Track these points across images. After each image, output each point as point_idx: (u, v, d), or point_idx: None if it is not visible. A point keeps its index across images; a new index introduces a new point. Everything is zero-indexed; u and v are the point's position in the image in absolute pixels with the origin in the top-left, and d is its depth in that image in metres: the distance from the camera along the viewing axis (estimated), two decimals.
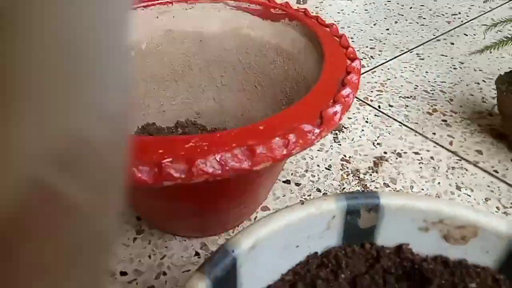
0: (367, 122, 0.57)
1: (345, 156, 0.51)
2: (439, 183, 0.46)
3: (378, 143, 0.53)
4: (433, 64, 0.74)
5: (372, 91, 0.65)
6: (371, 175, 0.48)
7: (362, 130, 0.55)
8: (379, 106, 0.61)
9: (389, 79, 0.69)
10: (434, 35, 0.85)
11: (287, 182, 0.47)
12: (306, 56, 0.38)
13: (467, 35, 0.85)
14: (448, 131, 0.55)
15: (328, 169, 0.49)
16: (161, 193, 0.32)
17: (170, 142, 0.24)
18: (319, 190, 0.46)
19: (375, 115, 0.59)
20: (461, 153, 0.51)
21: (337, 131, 0.55)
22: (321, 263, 0.25)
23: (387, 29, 0.88)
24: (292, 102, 0.40)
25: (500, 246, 0.23)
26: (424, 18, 0.93)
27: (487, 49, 0.48)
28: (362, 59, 0.76)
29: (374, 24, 0.90)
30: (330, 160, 0.50)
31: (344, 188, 0.46)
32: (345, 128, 0.56)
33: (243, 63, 0.46)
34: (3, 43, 0.07)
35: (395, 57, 0.77)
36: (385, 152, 0.51)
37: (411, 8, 0.97)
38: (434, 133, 0.55)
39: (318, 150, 0.52)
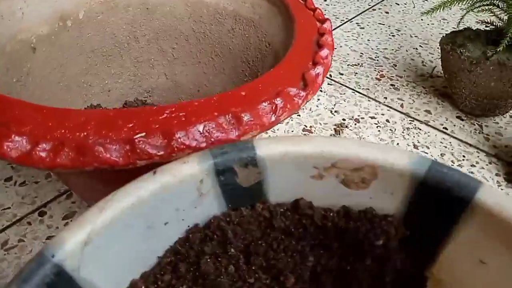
0: (321, 91, 0.57)
1: (306, 126, 0.50)
2: (397, 144, 0.48)
3: (335, 111, 0.53)
4: (373, 32, 0.76)
5: None
6: None
7: (318, 99, 0.55)
8: (330, 75, 0.61)
9: (335, 48, 0.69)
10: (369, 5, 0.87)
11: None
12: (269, 21, 0.36)
13: (398, 4, 0.89)
14: (398, 95, 0.57)
15: None
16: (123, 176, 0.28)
17: (140, 114, 0.21)
18: None
19: (328, 83, 0.59)
20: (412, 114, 0.53)
21: None
22: (204, 237, 0.21)
23: (325, 0, 0.88)
24: (256, 72, 0.38)
25: (403, 184, 0.20)
26: None
27: (432, 11, 0.50)
28: None
29: None
30: (292, 131, 0.49)
31: None
32: None
33: (197, 33, 0.42)
34: None
35: (337, 27, 0.77)
36: (343, 119, 0.51)
37: None
38: (386, 97, 0.56)
39: (279, 123, 0.50)
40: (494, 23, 0.50)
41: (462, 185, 0.19)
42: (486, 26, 0.50)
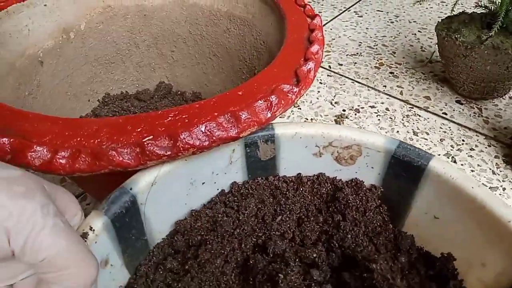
0: (321, 83, 0.58)
1: (307, 119, 0.51)
2: (397, 131, 0.49)
3: (335, 102, 0.54)
4: (371, 20, 0.77)
5: None
6: None
7: (318, 91, 0.56)
8: (329, 66, 0.62)
9: (334, 39, 0.70)
10: None
11: None
12: (262, 20, 0.37)
13: None
14: (397, 82, 0.58)
15: None
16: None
17: (147, 119, 0.22)
18: None
19: (328, 75, 0.60)
20: (412, 101, 0.54)
21: None
22: (226, 199, 0.27)
23: None
24: (253, 70, 0.39)
25: (380, 159, 0.26)
26: None
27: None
28: None
29: None
30: None
31: None
32: None
33: (194, 35, 0.43)
34: None
35: (335, 17, 0.78)
36: (343, 110, 0.52)
37: None
38: (385, 86, 0.57)
39: (279, 117, 0.52)
40: (489, 6, 0.50)
41: (420, 157, 0.24)
42: (485, 8, 0.51)
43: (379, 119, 0.51)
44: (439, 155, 0.45)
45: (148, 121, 0.22)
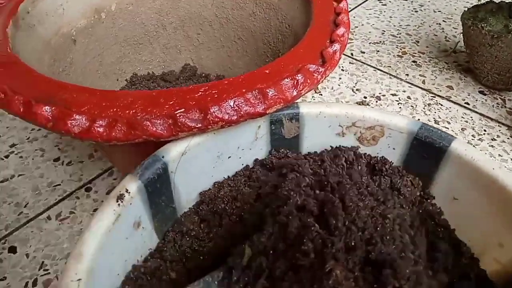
0: (343, 70, 0.58)
1: None
2: (419, 119, 0.49)
3: (357, 89, 0.54)
4: (395, 8, 0.76)
5: None
6: None
7: (340, 78, 0.56)
8: (351, 54, 0.62)
9: (357, 26, 0.70)
10: None
11: None
12: (288, 3, 0.38)
13: None
14: (419, 71, 0.57)
15: None
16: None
17: (178, 93, 0.23)
18: None
19: (350, 62, 0.60)
20: (434, 90, 0.54)
21: None
22: (250, 173, 0.28)
23: None
24: (277, 53, 0.40)
25: (402, 140, 0.26)
26: None
27: None
28: None
29: None
30: None
31: None
32: None
33: (220, 18, 0.44)
34: None
35: (359, 5, 0.77)
36: (365, 97, 0.53)
37: None
38: (407, 74, 0.57)
39: (300, 97, 0.52)
40: None
41: (442, 138, 0.25)
42: None
43: (400, 107, 0.51)
44: None
45: (179, 95, 0.23)
